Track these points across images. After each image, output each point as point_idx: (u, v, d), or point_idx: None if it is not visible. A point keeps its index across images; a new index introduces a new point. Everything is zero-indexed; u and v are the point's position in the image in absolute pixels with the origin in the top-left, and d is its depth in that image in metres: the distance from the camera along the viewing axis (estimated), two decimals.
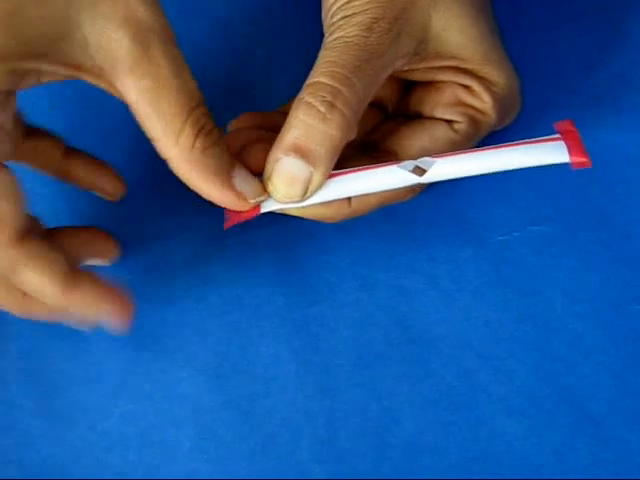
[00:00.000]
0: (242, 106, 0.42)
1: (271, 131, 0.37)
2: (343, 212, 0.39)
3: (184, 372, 0.42)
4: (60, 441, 0.41)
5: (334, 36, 0.36)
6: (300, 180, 0.36)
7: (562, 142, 0.36)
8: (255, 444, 0.41)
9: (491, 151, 0.36)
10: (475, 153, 0.36)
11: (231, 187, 0.36)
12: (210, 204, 0.36)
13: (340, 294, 0.43)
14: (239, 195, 0.36)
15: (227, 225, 0.37)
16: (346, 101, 0.35)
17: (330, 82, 0.35)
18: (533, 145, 0.36)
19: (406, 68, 0.38)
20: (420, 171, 0.36)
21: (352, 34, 0.36)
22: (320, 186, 0.36)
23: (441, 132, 0.40)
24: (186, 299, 0.43)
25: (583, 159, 0.36)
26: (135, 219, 0.44)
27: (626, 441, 0.40)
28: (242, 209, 0.37)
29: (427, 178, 0.36)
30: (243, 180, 0.36)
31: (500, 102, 0.40)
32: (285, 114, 0.36)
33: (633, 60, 0.46)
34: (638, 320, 0.41)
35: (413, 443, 0.40)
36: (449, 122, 0.40)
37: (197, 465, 0.40)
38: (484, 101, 0.39)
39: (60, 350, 0.42)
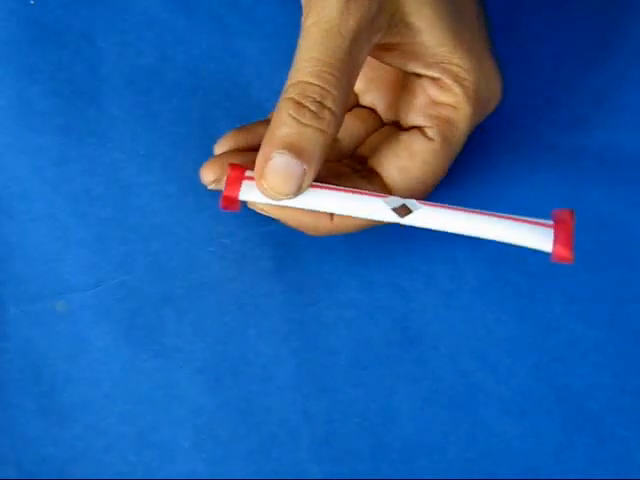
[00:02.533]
0: (240, 105, 0.42)
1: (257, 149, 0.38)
2: (324, 225, 0.39)
3: (183, 372, 0.42)
4: (58, 441, 0.41)
5: (312, 19, 0.36)
6: (295, 176, 0.36)
7: (551, 231, 0.35)
8: (254, 444, 0.41)
9: (479, 216, 0.36)
10: (463, 213, 0.36)
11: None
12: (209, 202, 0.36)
13: (339, 294, 0.43)
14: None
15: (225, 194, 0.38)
16: (335, 99, 0.35)
17: (318, 82, 0.35)
18: (522, 224, 0.36)
19: (383, 41, 0.38)
20: (404, 211, 0.36)
21: (328, 17, 0.35)
22: (310, 183, 0.37)
23: (418, 146, 0.39)
24: (185, 298, 0.43)
25: (566, 254, 0.35)
26: (134, 217, 0.44)
27: (625, 440, 0.40)
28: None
29: (408, 221, 0.36)
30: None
31: (474, 93, 0.39)
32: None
33: (633, 60, 0.46)
34: (636, 319, 0.42)
35: (411, 443, 0.40)
36: (422, 129, 0.40)
37: (196, 465, 0.40)
38: (455, 93, 0.39)
39: (58, 350, 0.42)
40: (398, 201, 0.36)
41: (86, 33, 0.47)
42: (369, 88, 0.43)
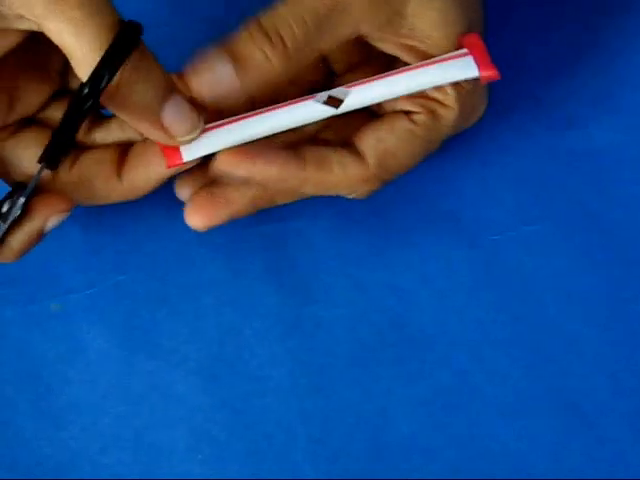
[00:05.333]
0: None
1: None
2: (295, 175, 0.38)
3: (178, 372, 0.42)
4: (54, 442, 0.41)
5: None
6: (223, 81, 0.36)
7: (470, 57, 0.37)
8: (249, 444, 0.41)
9: (404, 73, 0.37)
10: (389, 77, 0.37)
11: (158, 123, 0.36)
12: None
13: (333, 294, 0.43)
14: (166, 131, 0.36)
15: (168, 165, 0.38)
16: (294, 38, 0.36)
17: (285, 14, 0.36)
18: (443, 63, 0.37)
19: (375, 35, 0.38)
20: (336, 102, 0.37)
21: None
22: (236, 100, 0.36)
23: (399, 123, 0.39)
24: (180, 299, 0.43)
25: (492, 72, 0.37)
26: (129, 219, 0.44)
27: (620, 441, 0.40)
28: (172, 144, 0.37)
29: (345, 108, 0.37)
30: (175, 114, 0.36)
31: (464, 97, 0.39)
32: None
33: (632, 61, 0.46)
34: (632, 320, 0.41)
35: (407, 443, 0.40)
36: (408, 114, 0.39)
37: (191, 466, 0.41)
38: (447, 93, 0.38)
39: (54, 351, 0.42)
40: (325, 94, 0.37)
41: None
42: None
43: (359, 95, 0.37)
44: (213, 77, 0.36)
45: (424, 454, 0.40)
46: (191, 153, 0.37)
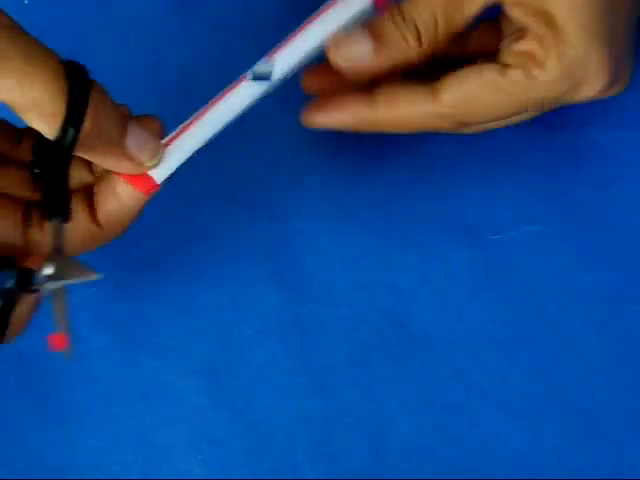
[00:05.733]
0: None
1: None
2: (369, 117, 0.39)
3: (179, 372, 0.42)
4: (54, 441, 0.41)
5: None
6: (361, 57, 0.37)
7: None
8: (250, 444, 0.41)
9: (315, 21, 0.38)
10: (304, 30, 0.38)
11: (124, 155, 0.35)
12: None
13: (334, 293, 0.43)
14: (133, 161, 0.36)
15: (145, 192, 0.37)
16: (431, 27, 0.37)
17: (424, 11, 0.37)
18: (336, 6, 0.38)
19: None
20: (265, 75, 0.38)
21: None
22: (371, 73, 0.38)
23: (488, 72, 0.38)
24: (180, 298, 0.43)
25: None
26: None
27: (621, 441, 0.40)
28: (141, 172, 0.36)
29: (277, 76, 0.37)
30: (137, 142, 0.36)
31: (567, 62, 0.37)
32: None
33: (636, 60, 0.46)
34: (631, 320, 0.41)
35: (407, 443, 0.40)
36: (502, 65, 0.38)
37: (191, 465, 0.41)
38: (549, 55, 0.37)
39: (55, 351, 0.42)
40: (251, 72, 0.38)
41: (80, 33, 0.47)
42: None
43: (287, 59, 0.38)
44: (352, 50, 0.37)
45: (424, 454, 0.40)
46: (162, 173, 0.37)
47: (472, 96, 0.38)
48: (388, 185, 0.42)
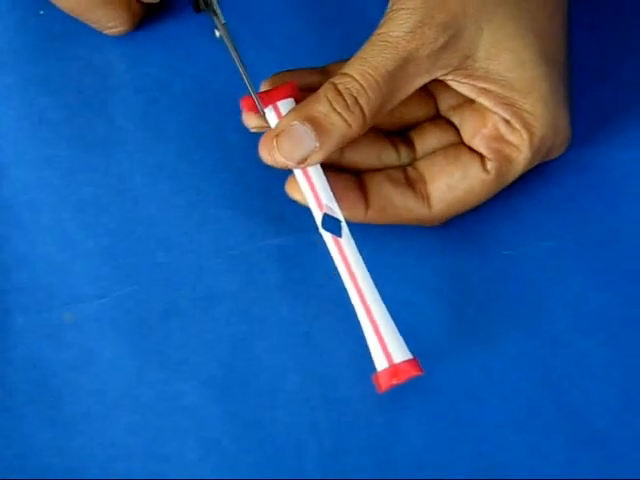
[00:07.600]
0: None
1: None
2: (359, 217, 0.42)
3: (189, 384, 0.42)
4: (64, 451, 0.41)
5: (381, 29, 0.38)
6: (305, 147, 0.38)
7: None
8: (260, 456, 0.41)
9: None
10: None
11: None
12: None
13: (345, 306, 0.42)
14: None
15: None
16: (369, 102, 0.38)
17: (360, 80, 0.38)
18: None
19: (449, 79, 0.39)
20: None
21: (395, 34, 0.38)
22: (316, 163, 0.39)
23: (473, 172, 0.41)
24: (191, 310, 0.43)
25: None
26: (141, 228, 0.44)
27: (630, 457, 0.40)
28: None
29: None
30: None
31: (538, 141, 0.40)
32: (317, 73, 0.42)
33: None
34: None
35: (418, 457, 0.40)
36: (482, 159, 0.41)
37: (201, 477, 0.40)
38: (522, 138, 0.40)
39: (64, 360, 0.42)
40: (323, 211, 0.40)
41: (95, 44, 0.47)
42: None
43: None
44: (296, 145, 0.38)
45: (434, 467, 0.40)
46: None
47: (462, 200, 0.41)
48: None
